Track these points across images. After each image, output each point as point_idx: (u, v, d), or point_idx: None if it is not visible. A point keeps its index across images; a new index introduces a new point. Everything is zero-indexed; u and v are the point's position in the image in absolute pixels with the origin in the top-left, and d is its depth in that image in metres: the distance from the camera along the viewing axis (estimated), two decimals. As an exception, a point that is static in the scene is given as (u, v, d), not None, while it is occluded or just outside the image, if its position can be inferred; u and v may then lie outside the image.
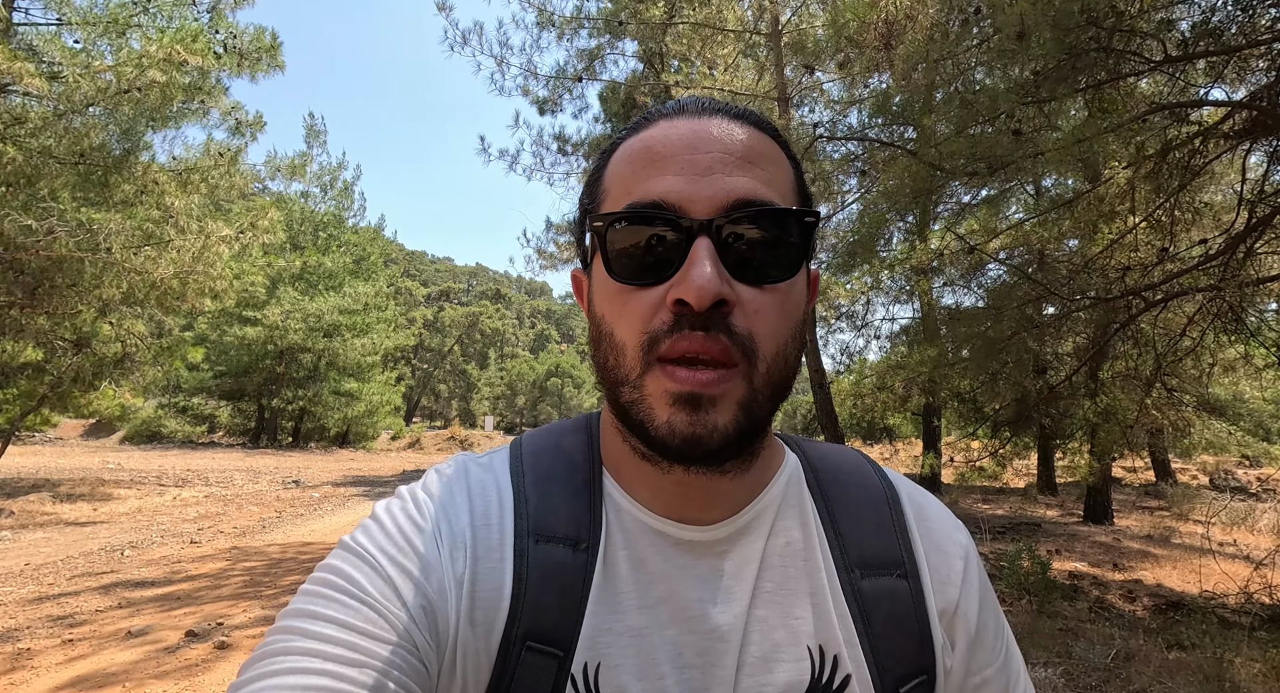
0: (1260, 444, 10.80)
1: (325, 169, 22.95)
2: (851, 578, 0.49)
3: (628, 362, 0.43)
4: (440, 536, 0.46)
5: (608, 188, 0.47)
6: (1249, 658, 3.40)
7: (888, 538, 0.51)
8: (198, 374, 21.58)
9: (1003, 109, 3.90)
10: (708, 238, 0.41)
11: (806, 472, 0.54)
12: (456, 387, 51.12)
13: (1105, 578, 5.67)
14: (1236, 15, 3.78)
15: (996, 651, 0.51)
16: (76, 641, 3.70)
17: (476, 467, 0.52)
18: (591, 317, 0.48)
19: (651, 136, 0.46)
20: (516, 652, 0.43)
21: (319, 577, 0.43)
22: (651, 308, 0.43)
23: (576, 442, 0.53)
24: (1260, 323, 4.93)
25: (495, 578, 0.45)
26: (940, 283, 9.45)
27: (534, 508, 0.48)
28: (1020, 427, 6.86)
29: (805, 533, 0.50)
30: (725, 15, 7.74)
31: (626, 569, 0.47)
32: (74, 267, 7.60)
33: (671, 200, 0.42)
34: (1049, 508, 10.13)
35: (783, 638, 0.47)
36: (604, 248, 0.44)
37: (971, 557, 0.53)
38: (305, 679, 0.37)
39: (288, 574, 5.39)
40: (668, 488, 0.48)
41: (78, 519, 7.98)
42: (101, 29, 7.36)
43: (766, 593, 0.48)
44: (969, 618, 0.50)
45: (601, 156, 0.50)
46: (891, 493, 0.54)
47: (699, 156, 0.43)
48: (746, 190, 0.43)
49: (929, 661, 0.48)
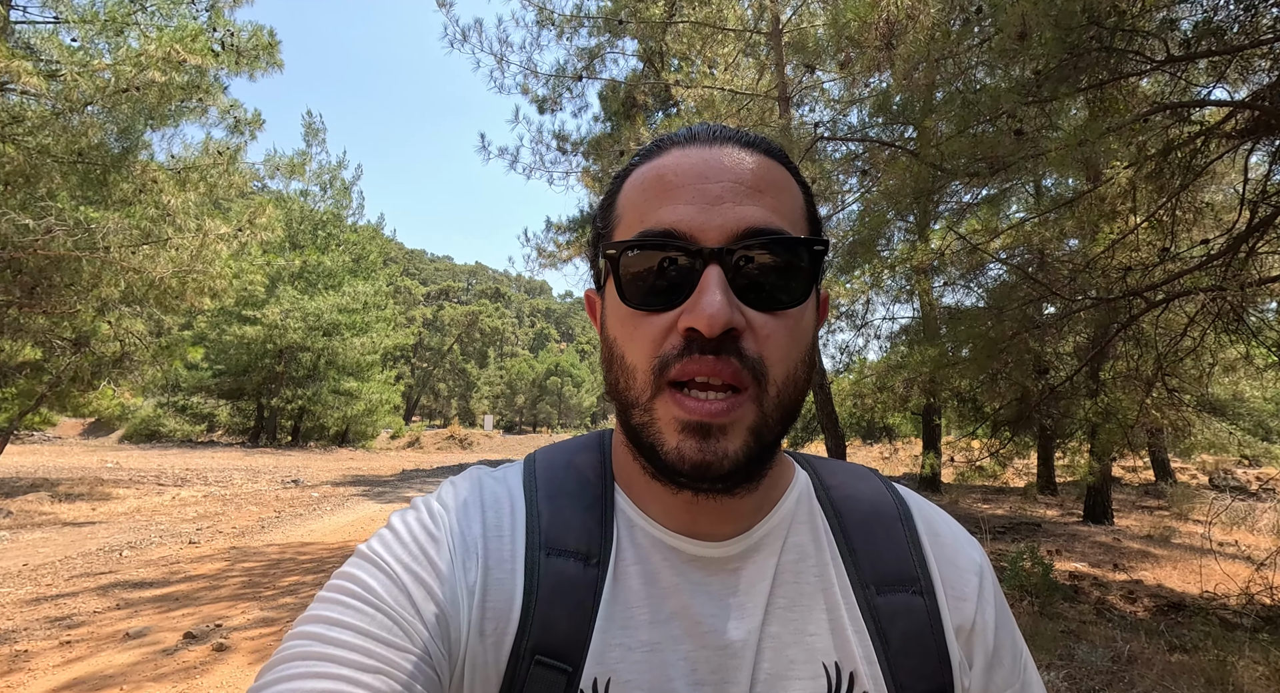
0: (1260, 444, 10.80)
1: (324, 168, 22.92)
2: (866, 595, 0.49)
3: (638, 385, 0.44)
4: (454, 546, 0.47)
5: (621, 214, 0.49)
6: (1252, 661, 3.39)
7: (902, 554, 0.51)
8: (197, 373, 21.57)
9: (1004, 109, 3.89)
10: (718, 266, 0.42)
11: (817, 489, 0.54)
12: (456, 386, 51.11)
13: (1106, 579, 5.66)
14: (1238, 15, 3.77)
15: (1015, 672, 0.51)
16: (74, 642, 3.69)
17: (490, 479, 0.53)
18: (604, 338, 0.49)
19: (664, 165, 0.47)
20: (525, 665, 0.43)
21: (336, 584, 0.44)
22: (662, 332, 0.44)
23: (589, 459, 0.54)
24: (1261, 323, 4.92)
25: (506, 590, 0.45)
26: (941, 283, 9.44)
27: (546, 522, 0.48)
28: (1020, 426, 6.85)
29: (818, 549, 0.51)
30: (725, 14, 7.72)
31: (638, 584, 0.47)
32: (72, 265, 7.59)
33: (683, 229, 0.43)
34: (1049, 508, 10.13)
35: (797, 655, 0.47)
36: (617, 273, 0.45)
37: (986, 574, 0.53)
38: (322, 684, 0.37)
39: (287, 575, 5.37)
40: (679, 506, 0.48)
41: (76, 519, 7.96)
42: (99, 27, 7.32)
43: (780, 609, 0.48)
44: (986, 636, 0.50)
45: (615, 181, 0.52)
46: (904, 509, 0.54)
47: (709, 186, 0.44)
48: (756, 219, 0.44)
49: (947, 679, 0.47)
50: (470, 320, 51.12)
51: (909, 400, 6.98)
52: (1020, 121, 3.97)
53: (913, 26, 3.97)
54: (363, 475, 14.50)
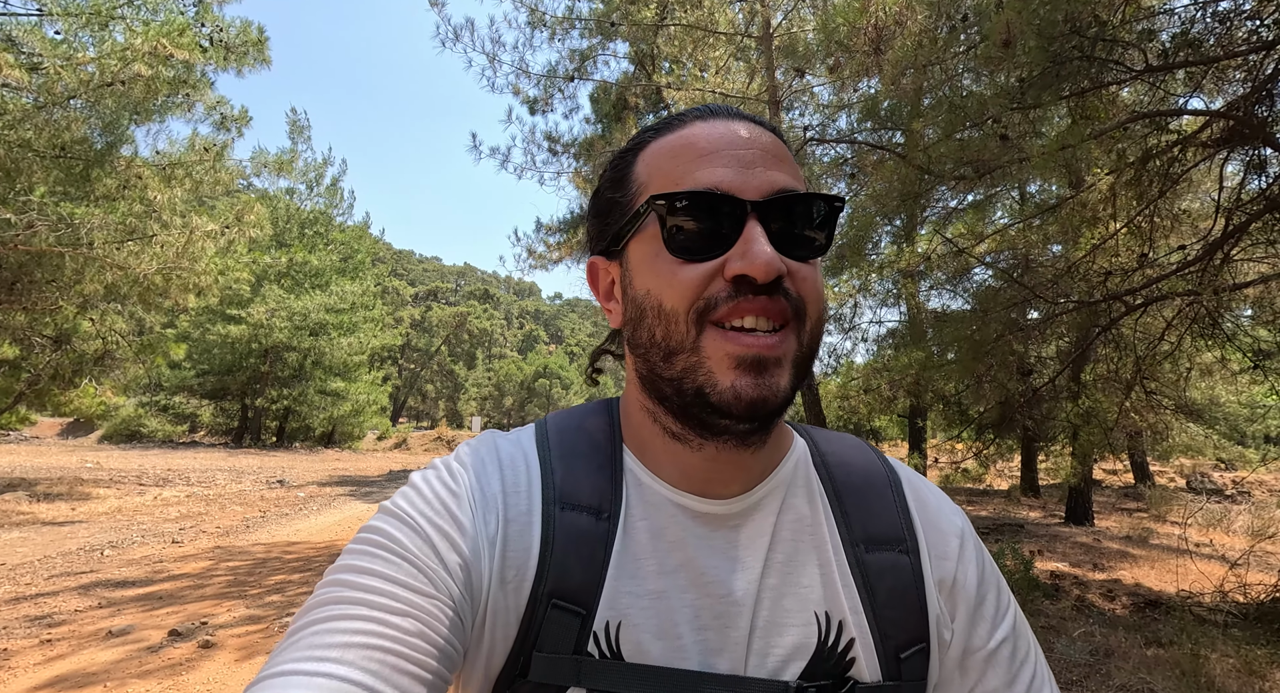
0: (1235, 448, 11.04)
1: (311, 165, 22.70)
2: (856, 552, 0.52)
3: (679, 328, 0.47)
4: (474, 501, 0.50)
5: (645, 180, 0.51)
6: (1224, 654, 3.48)
7: (890, 517, 0.55)
8: (180, 372, 21.27)
9: (990, 114, 3.97)
10: (758, 219, 0.46)
11: (814, 455, 0.58)
12: (444, 387, 50.77)
13: (1086, 578, 5.77)
14: (1214, 27, 3.88)
15: (1000, 623, 0.54)
16: (55, 641, 3.64)
17: (505, 441, 0.56)
18: (629, 298, 0.52)
19: (693, 134, 0.50)
20: (543, 609, 0.47)
21: (363, 537, 0.47)
22: (704, 279, 0.47)
23: (599, 423, 0.57)
24: (1236, 328, 5.04)
25: (524, 540, 0.49)
26: (927, 286, 9.56)
27: (559, 479, 0.52)
28: (1004, 429, 6.96)
29: (813, 509, 0.54)
30: (717, 18, 7.78)
31: (646, 538, 0.51)
32: (54, 261, 7.47)
33: (724, 187, 0.47)
34: (1031, 509, 10.28)
35: (791, 604, 0.50)
36: (662, 225, 0.48)
37: (968, 535, 0.57)
38: (355, 624, 0.40)
39: (273, 574, 5.33)
40: (696, 464, 0.51)
41: (55, 519, 7.82)
42: (84, 20, 7.22)
43: (777, 563, 0.51)
44: (968, 591, 0.54)
45: (625, 155, 0.55)
46: (893, 477, 0.58)
47: (742, 152, 0.49)
48: (785, 182, 0.49)
49: (925, 630, 0.51)
50: (459, 321, 50.84)
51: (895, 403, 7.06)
52: (1005, 127, 4.06)
53: (901, 32, 4.04)
54: (349, 476, 14.37)
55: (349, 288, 21.87)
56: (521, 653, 0.47)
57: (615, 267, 0.54)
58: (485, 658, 0.47)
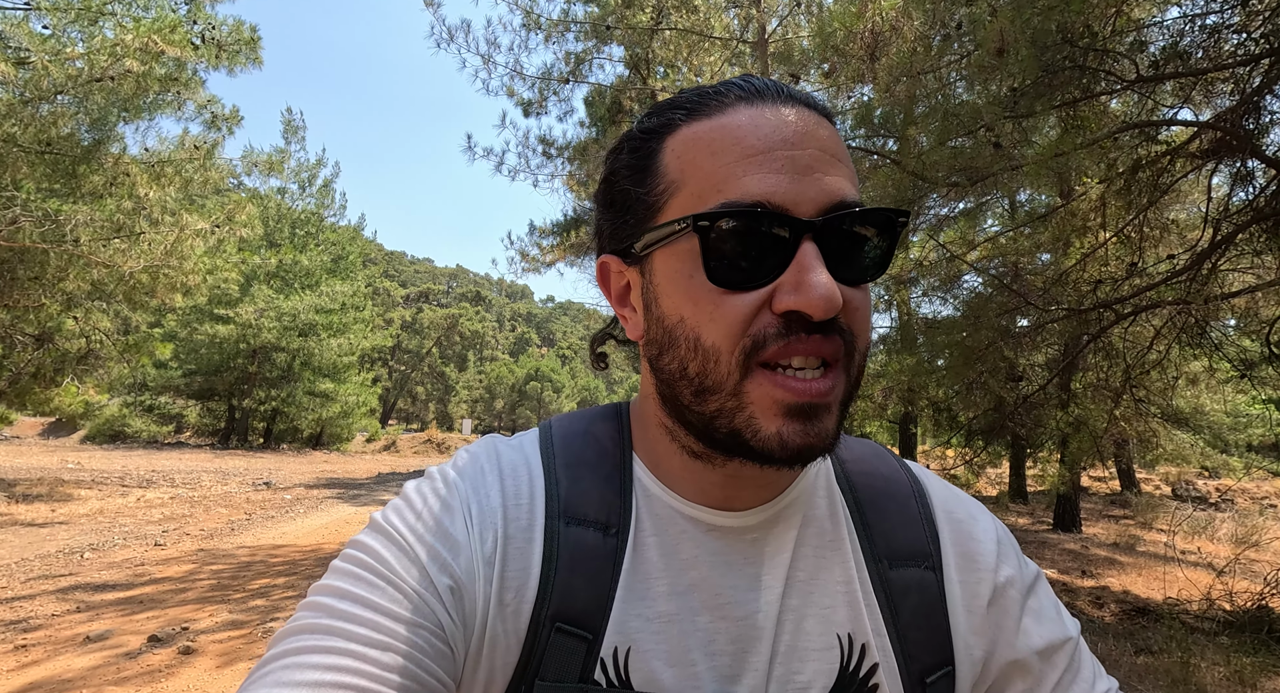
0: (1220, 456, 11.16)
1: (303, 166, 22.56)
2: (880, 569, 0.49)
3: (721, 368, 0.41)
4: (470, 516, 0.46)
5: (679, 178, 0.43)
6: (1213, 662, 3.49)
7: (915, 530, 0.51)
8: (165, 372, 20.99)
9: (983, 122, 3.99)
10: (814, 241, 0.40)
11: (834, 463, 0.54)
12: (434, 389, 50.49)
13: (1074, 585, 5.79)
14: (1203, 40, 3.93)
15: (1062, 625, 0.50)
16: (30, 646, 3.55)
17: (506, 447, 0.52)
18: (654, 317, 0.45)
19: (737, 124, 0.42)
20: (545, 633, 0.43)
21: (349, 554, 0.44)
22: (750, 311, 0.40)
23: (607, 429, 0.53)
24: (1223, 337, 5.10)
25: (525, 558, 0.45)
26: (918, 293, 9.61)
27: (564, 490, 0.48)
28: (994, 435, 6.99)
29: (834, 522, 0.51)
30: (712, 23, 7.82)
31: (656, 555, 0.47)
32: (38, 258, 7.36)
33: (777, 201, 0.40)
34: (1020, 516, 10.33)
35: (813, 627, 0.47)
36: (704, 245, 0.41)
37: (1004, 540, 0.53)
38: (329, 659, 0.37)
39: (258, 578, 5.24)
40: (715, 480, 0.48)
41: (34, 520, 7.67)
42: (73, 16, 7.14)
43: (800, 582, 0.48)
44: (1020, 593, 0.50)
45: (647, 135, 0.46)
46: (917, 486, 0.54)
47: (798, 153, 0.41)
48: (845, 191, 0.41)
49: (951, 652, 0.48)
50: (450, 323, 50.62)
51: (887, 409, 7.08)
52: (998, 135, 4.08)
53: (896, 38, 4.06)
54: (337, 478, 14.22)
55: (339, 288, 21.70)
56: (523, 682, 0.43)
57: (634, 272, 0.47)
58: (483, 688, 0.43)
